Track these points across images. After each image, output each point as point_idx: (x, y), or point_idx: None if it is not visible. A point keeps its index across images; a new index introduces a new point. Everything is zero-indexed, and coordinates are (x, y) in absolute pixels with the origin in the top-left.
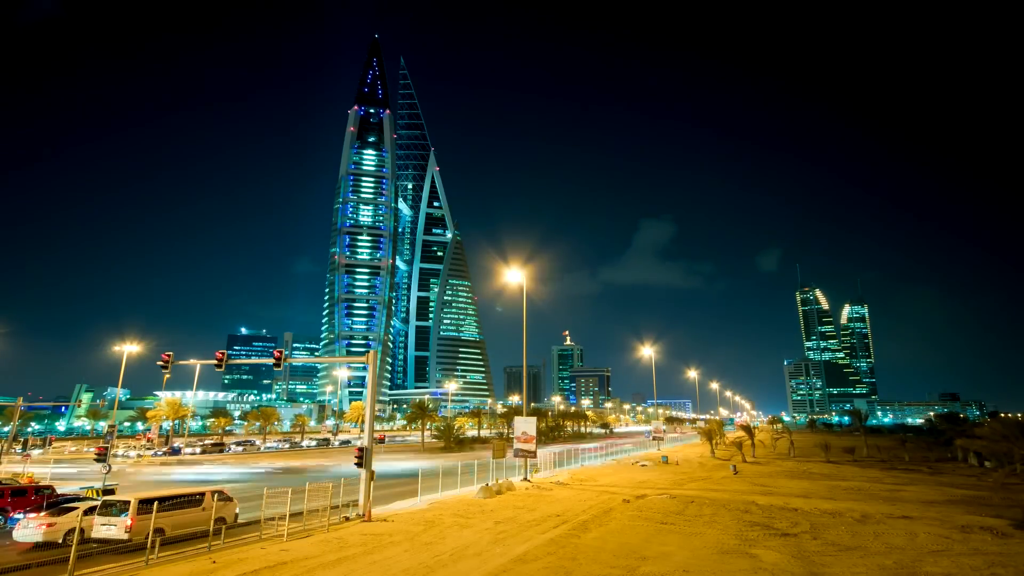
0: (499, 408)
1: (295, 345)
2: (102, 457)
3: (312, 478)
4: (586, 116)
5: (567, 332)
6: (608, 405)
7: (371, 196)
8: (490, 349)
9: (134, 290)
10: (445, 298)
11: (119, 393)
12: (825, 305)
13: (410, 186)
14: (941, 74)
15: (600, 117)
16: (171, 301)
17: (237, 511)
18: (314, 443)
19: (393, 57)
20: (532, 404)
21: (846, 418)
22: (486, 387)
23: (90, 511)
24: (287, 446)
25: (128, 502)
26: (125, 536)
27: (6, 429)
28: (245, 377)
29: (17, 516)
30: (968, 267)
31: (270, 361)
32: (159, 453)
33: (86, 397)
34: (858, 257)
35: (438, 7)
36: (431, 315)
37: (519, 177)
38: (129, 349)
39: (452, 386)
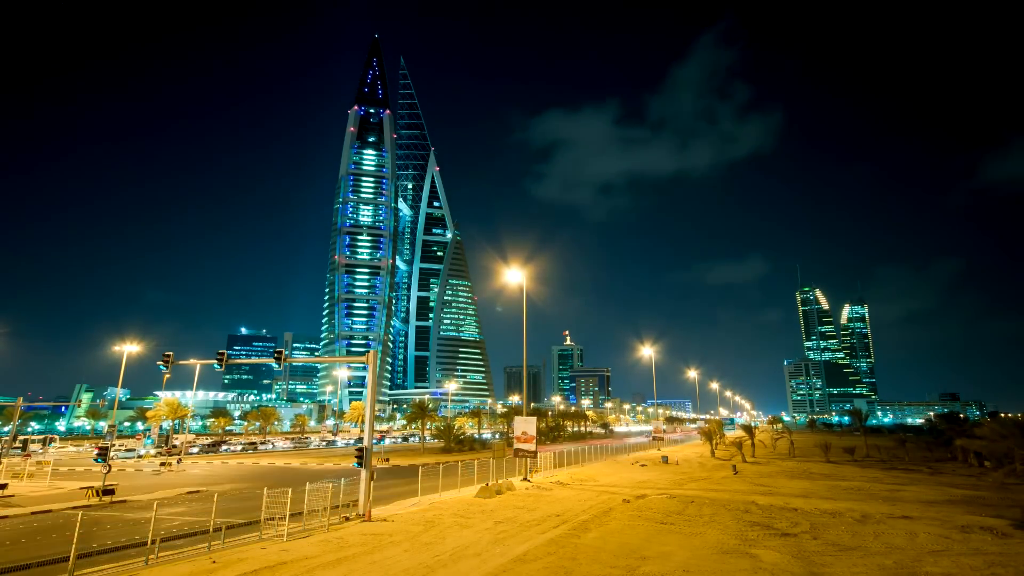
0: (499, 408)
1: (295, 345)
2: (102, 457)
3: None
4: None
5: (567, 332)
6: (608, 405)
7: (371, 196)
8: (490, 349)
9: (134, 290)
10: (445, 298)
11: (119, 393)
12: (825, 305)
13: (410, 186)
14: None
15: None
16: (171, 301)
17: None
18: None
19: (393, 57)
20: (532, 404)
21: (846, 418)
22: (486, 387)
23: None
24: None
25: None
26: None
27: (6, 429)
28: (245, 377)
29: None
30: (968, 266)
31: (270, 361)
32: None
33: (86, 397)
34: (858, 256)
35: (438, 7)
36: (431, 315)
37: (519, 177)
38: (129, 349)
39: (452, 386)
